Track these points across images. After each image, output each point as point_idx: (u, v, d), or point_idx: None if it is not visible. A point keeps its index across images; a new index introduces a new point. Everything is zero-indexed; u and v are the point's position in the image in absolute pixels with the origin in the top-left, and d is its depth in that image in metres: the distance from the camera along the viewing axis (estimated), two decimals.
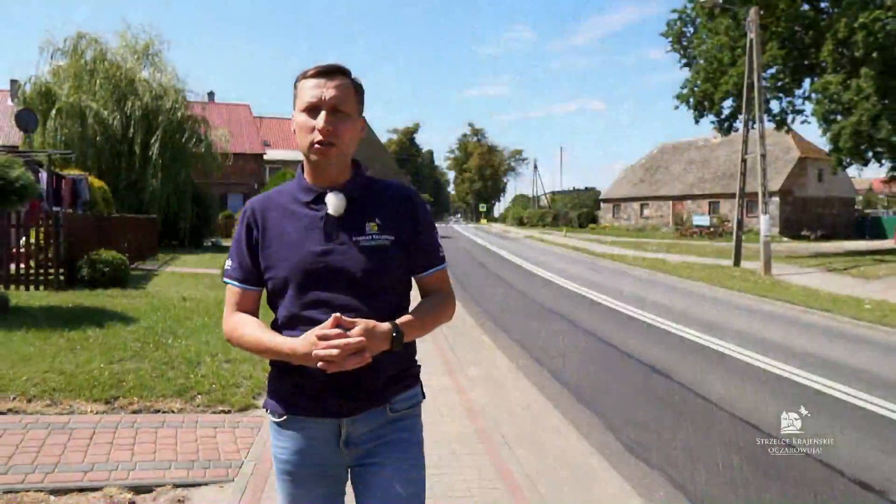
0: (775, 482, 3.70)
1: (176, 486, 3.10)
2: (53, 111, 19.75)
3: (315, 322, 1.43)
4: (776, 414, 4.96)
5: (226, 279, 1.58)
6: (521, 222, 61.87)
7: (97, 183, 14.08)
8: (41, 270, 9.21)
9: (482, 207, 75.09)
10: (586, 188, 77.39)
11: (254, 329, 1.50)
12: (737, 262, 17.89)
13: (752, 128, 17.96)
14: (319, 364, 1.35)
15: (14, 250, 9.20)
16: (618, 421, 4.73)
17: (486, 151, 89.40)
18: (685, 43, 24.80)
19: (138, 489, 3.04)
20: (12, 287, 8.72)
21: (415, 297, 1.61)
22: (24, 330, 5.62)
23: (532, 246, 29.38)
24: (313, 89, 1.48)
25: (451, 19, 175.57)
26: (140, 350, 5.31)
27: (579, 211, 55.29)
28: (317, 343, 1.36)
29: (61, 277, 9.11)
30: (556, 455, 3.90)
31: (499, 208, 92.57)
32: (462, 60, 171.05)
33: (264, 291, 1.58)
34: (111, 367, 4.71)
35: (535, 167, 74.82)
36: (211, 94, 38.06)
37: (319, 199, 1.52)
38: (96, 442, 3.51)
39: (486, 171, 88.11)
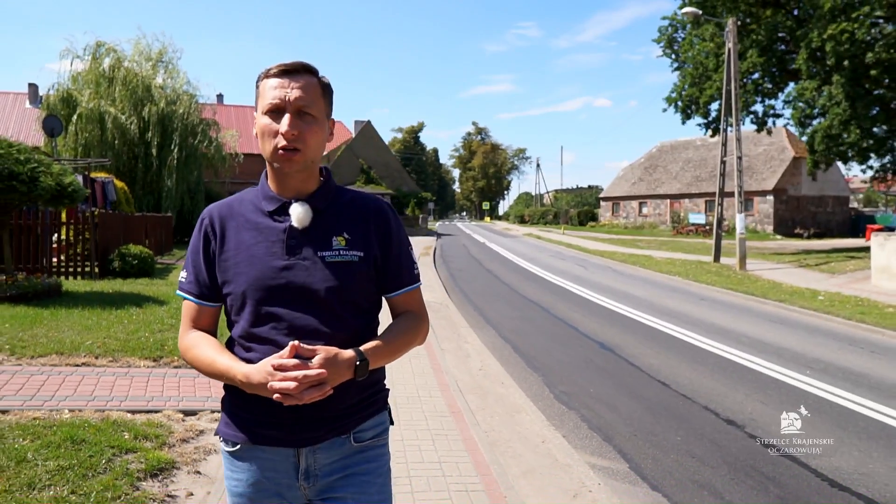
0: (661, 418, 4.87)
1: (213, 411, 4.31)
2: (75, 116, 21.07)
3: (272, 342, 1.36)
4: (687, 376, 6.15)
5: (180, 293, 1.49)
6: (522, 220, 62.99)
7: (119, 184, 15.38)
8: (78, 262, 10.52)
9: (485, 205, 76.33)
10: (589, 186, 78.36)
11: (208, 349, 1.40)
12: (716, 258, 18.98)
13: (732, 131, 18.99)
14: (275, 396, 1.27)
15: (55, 246, 10.49)
16: (555, 380, 5.92)
17: (490, 150, 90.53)
18: (676, 47, 25.88)
19: (187, 412, 4.25)
20: (53, 276, 9.99)
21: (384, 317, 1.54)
22: (80, 308, 6.92)
23: (528, 243, 30.50)
24: (276, 89, 1.39)
25: (457, 17, 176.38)
26: (174, 324, 6.54)
27: (580, 209, 56.39)
28: (273, 374, 1.27)
29: (96, 269, 10.41)
30: (496, 398, 5.10)
31: (504, 206, 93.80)
32: (468, 58, 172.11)
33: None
34: (154, 335, 5.97)
35: (538, 166, 76.00)
36: (220, 97, 39.49)
37: (283, 210, 1.43)
38: (151, 384, 4.73)
39: (489, 169, 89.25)
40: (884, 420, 4.89)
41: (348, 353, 1.34)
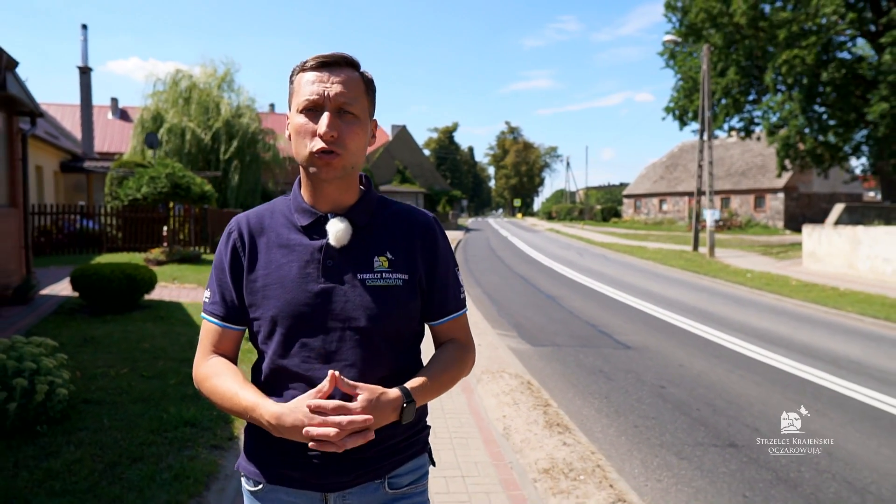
0: (554, 324, 8.62)
1: None
2: (162, 130, 25.83)
3: (304, 378, 1.22)
4: (592, 311, 9.84)
5: (204, 315, 1.32)
6: (550, 216, 66.26)
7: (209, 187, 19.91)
8: (182, 243, 14.92)
9: (517, 202, 79.89)
10: (621, 183, 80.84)
11: (229, 381, 1.24)
12: (695, 248, 22.28)
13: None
14: (311, 444, 1.12)
15: (164, 234, 14.90)
16: (504, 308, 9.72)
17: (522, 148, 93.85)
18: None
19: None
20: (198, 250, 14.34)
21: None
22: None
23: (546, 236, 34.01)
24: (313, 84, 1.24)
25: (495, 12, 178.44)
26: None
27: (605, 205, 59.38)
28: (310, 417, 1.11)
29: (208, 249, 14.77)
30: None
31: (538, 202, 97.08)
32: (506, 54, 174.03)
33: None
34: None
35: (568, 164, 79.25)
36: (272, 106, 44.34)
37: (319, 225, 1.29)
38: None
39: (521, 167, 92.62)
40: (700, 334, 8.53)
41: (394, 392, 1.20)
